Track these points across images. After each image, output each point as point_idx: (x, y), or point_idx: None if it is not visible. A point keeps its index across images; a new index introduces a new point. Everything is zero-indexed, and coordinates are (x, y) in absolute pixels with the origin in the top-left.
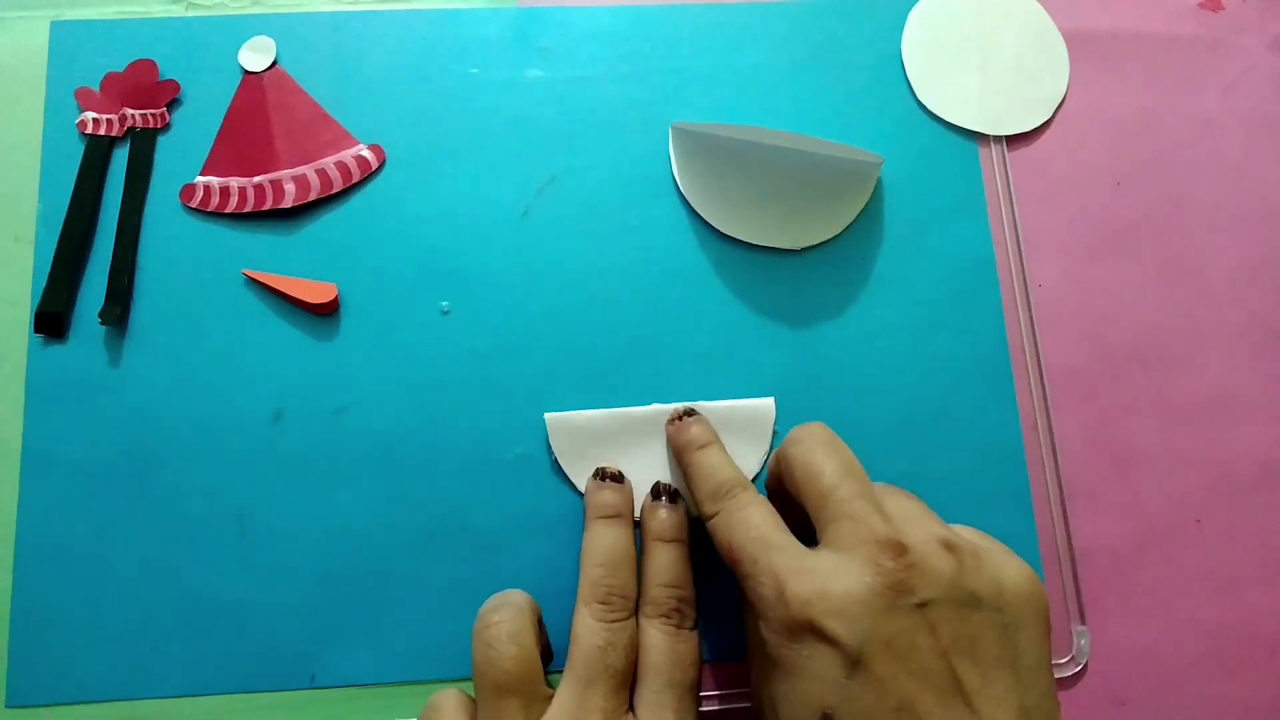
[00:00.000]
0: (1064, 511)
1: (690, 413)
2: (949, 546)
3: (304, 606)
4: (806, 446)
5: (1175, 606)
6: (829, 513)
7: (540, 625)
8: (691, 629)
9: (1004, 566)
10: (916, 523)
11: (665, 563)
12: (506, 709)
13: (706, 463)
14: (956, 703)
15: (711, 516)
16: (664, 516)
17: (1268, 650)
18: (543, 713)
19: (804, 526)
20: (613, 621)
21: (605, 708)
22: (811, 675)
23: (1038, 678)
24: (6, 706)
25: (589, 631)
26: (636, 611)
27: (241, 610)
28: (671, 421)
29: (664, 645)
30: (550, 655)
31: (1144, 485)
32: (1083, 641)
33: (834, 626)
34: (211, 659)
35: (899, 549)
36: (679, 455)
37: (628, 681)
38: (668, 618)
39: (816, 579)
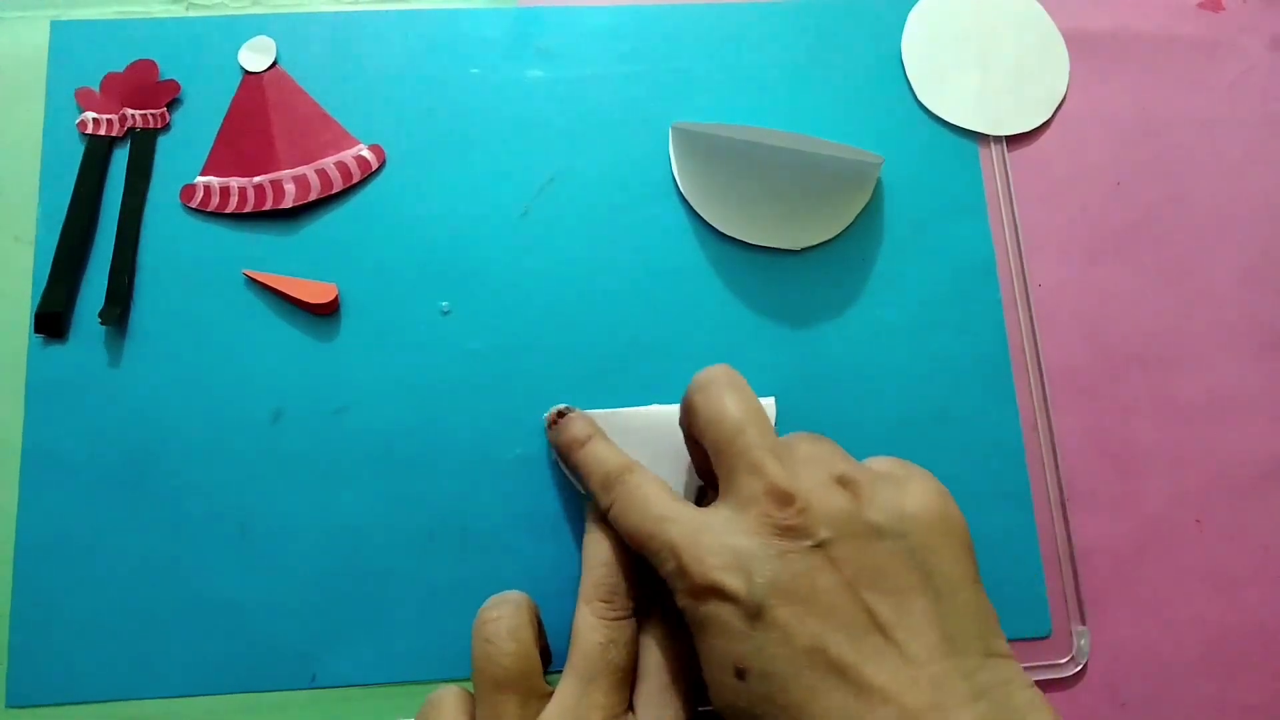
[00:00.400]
0: (1064, 511)
1: (565, 411)
2: (844, 481)
3: (304, 606)
4: (710, 393)
5: (1175, 606)
6: (729, 463)
7: (539, 626)
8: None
9: (906, 491)
10: (814, 464)
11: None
12: (504, 705)
13: (592, 456)
14: (872, 637)
15: (609, 507)
16: None
17: (1268, 650)
18: (540, 710)
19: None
20: (614, 619)
21: (605, 704)
22: (720, 632)
23: (960, 599)
24: (6, 706)
25: (589, 629)
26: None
27: (241, 610)
28: (550, 426)
29: (665, 643)
30: (549, 657)
31: (1144, 485)
32: (1083, 641)
33: (729, 580)
34: (211, 659)
35: (786, 498)
36: (565, 457)
37: (628, 679)
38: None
39: (709, 538)
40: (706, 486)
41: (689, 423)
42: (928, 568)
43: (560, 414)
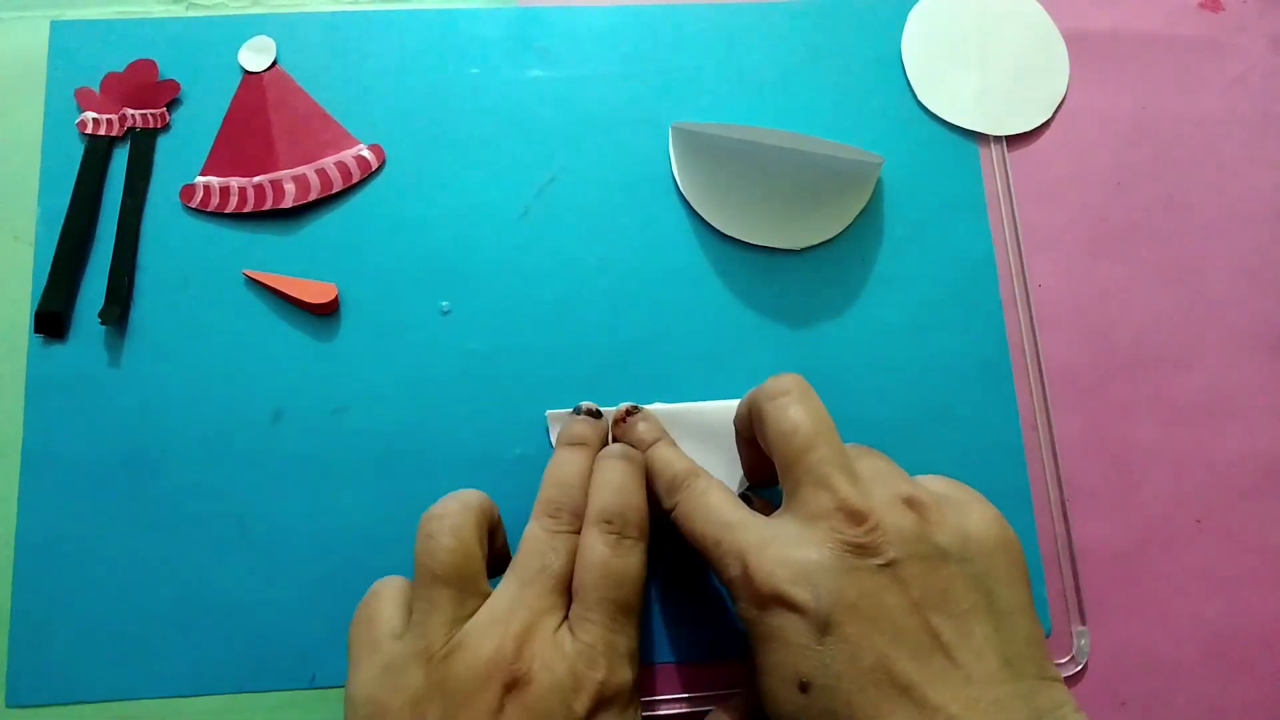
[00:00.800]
0: (1064, 511)
1: (634, 410)
2: (911, 503)
3: (304, 606)
4: (782, 403)
5: (1175, 606)
6: (796, 476)
7: (496, 529)
8: (635, 542)
9: (969, 515)
10: (880, 483)
11: (611, 476)
12: (440, 598)
13: (658, 458)
14: (935, 657)
15: (671, 509)
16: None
17: (1268, 650)
18: (477, 607)
19: (773, 469)
20: (557, 532)
21: (536, 606)
22: (785, 644)
23: (1017, 623)
24: (6, 706)
25: (533, 539)
26: None
27: (241, 610)
28: (617, 423)
29: (599, 559)
30: (508, 559)
31: (1144, 485)
32: (1083, 641)
33: (798, 593)
34: (211, 659)
35: (859, 516)
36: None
37: (564, 588)
38: (609, 523)
39: (778, 549)
40: (753, 489)
41: (757, 429)
42: (989, 592)
43: (629, 412)
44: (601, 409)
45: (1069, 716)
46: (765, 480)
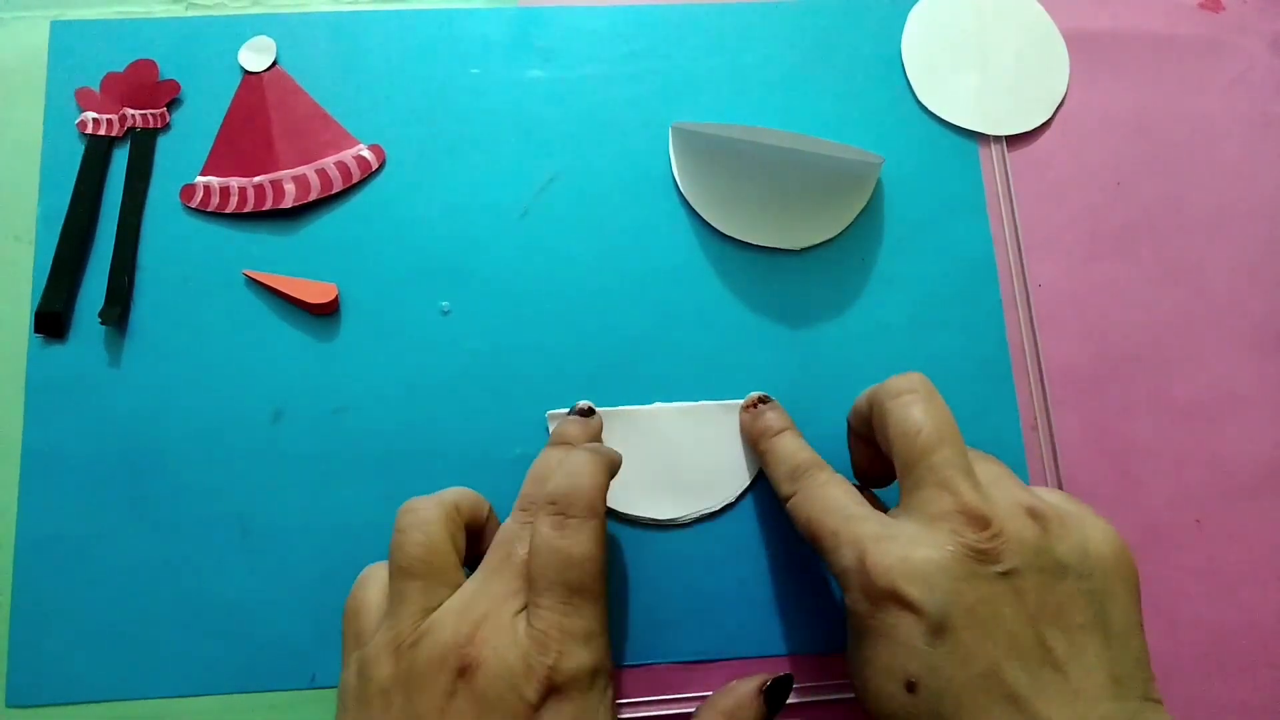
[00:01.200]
0: None
1: (765, 399)
2: (1033, 513)
3: (304, 606)
4: (905, 401)
5: (1175, 606)
6: (918, 475)
7: (486, 523)
8: (582, 521)
9: (1089, 531)
10: (1002, 490)
11: (566, 463)
12: (408, 590)
13: (783, 446)
14: (1045, 670)
15: (790, 496)
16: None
17: (1268, 650)
18: (447, 597)
19: (885, 467)
20: (525, 523)
21: (498, 593)
22: (895, 642)
23: (1129, 643)
24: (6, 706)
25: (504, 531)
26: None
27: (241, 610)
28: (746, 408)
29: (545, 541)
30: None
31: (1144, 485)
32: None
33: (915, 592)
34: (211, 659)
35: (982, 521)
36: (754, 442)
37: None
38: (553, 504)
39: (898, 546)
40: (864, 487)
41: (877, 427)
42: (1104, 609)
43: (760, 400)
44: (597, 408)
45: None
46: (874, 479)
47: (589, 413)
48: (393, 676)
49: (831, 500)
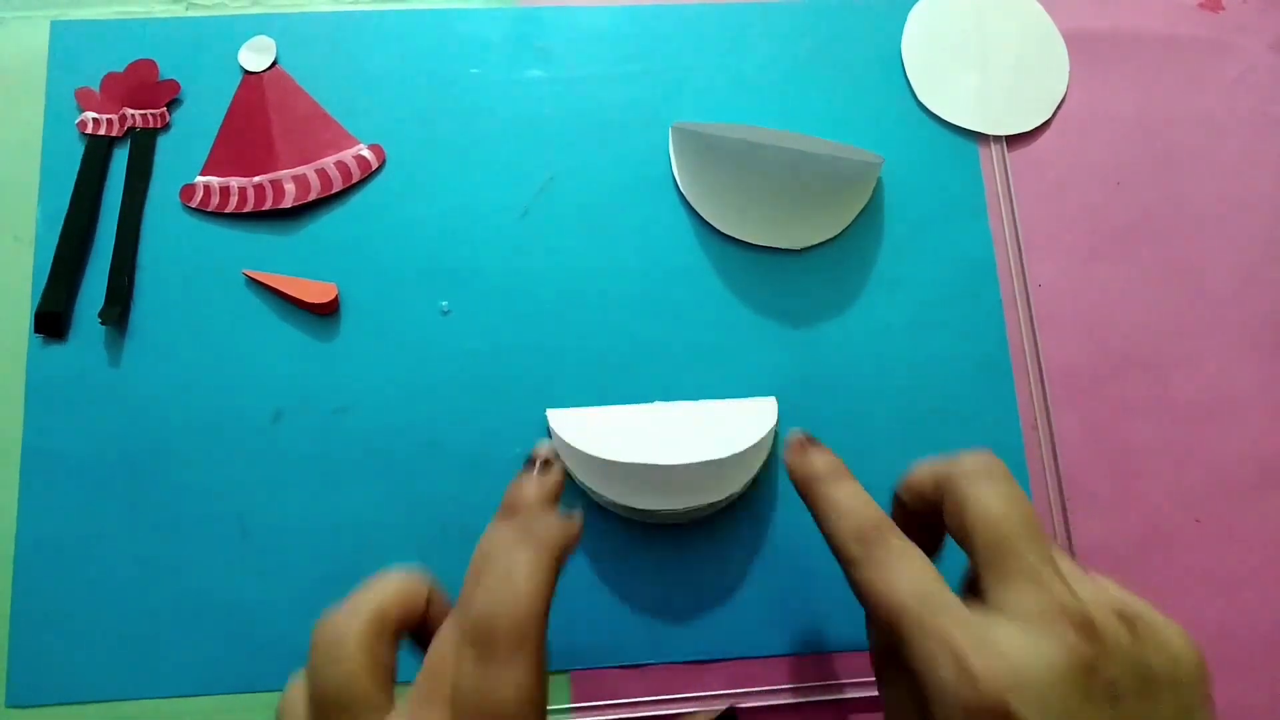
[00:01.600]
0: (1064, 511)
1: (810, 441)
2: (1125, 618)
3: (304, 606)
4: (987, 489)
5: (1175, 606)
6: (1008, 570)
7: (419, 616)
8: (510, 656)
9: (1171, 635)
10: (1083, 585)
11: (493, 568)
12: None
13: (844, 498)
14: None
15: (856, 560)
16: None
17: (1268, 650)
18: None
19: (931, 545)
20: (463, 645)
21: None
22: None
23: None
24: (6, 706)
25: (436, 645)
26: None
27: (241, 610)
28: (791, 448)
29: (466, 683)
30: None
31: (1144, 485)
32: None
33: (1029, 714)
34: (211, 659)
35: (1089, 626)
36: (804, 487)
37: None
38: (476, 629)
39: (1005, 657)
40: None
41: (951, 509)
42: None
43: (805, 441)
44: (596, 407)
45: None
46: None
47: (548, 464)
48: None
49: (915, 580)
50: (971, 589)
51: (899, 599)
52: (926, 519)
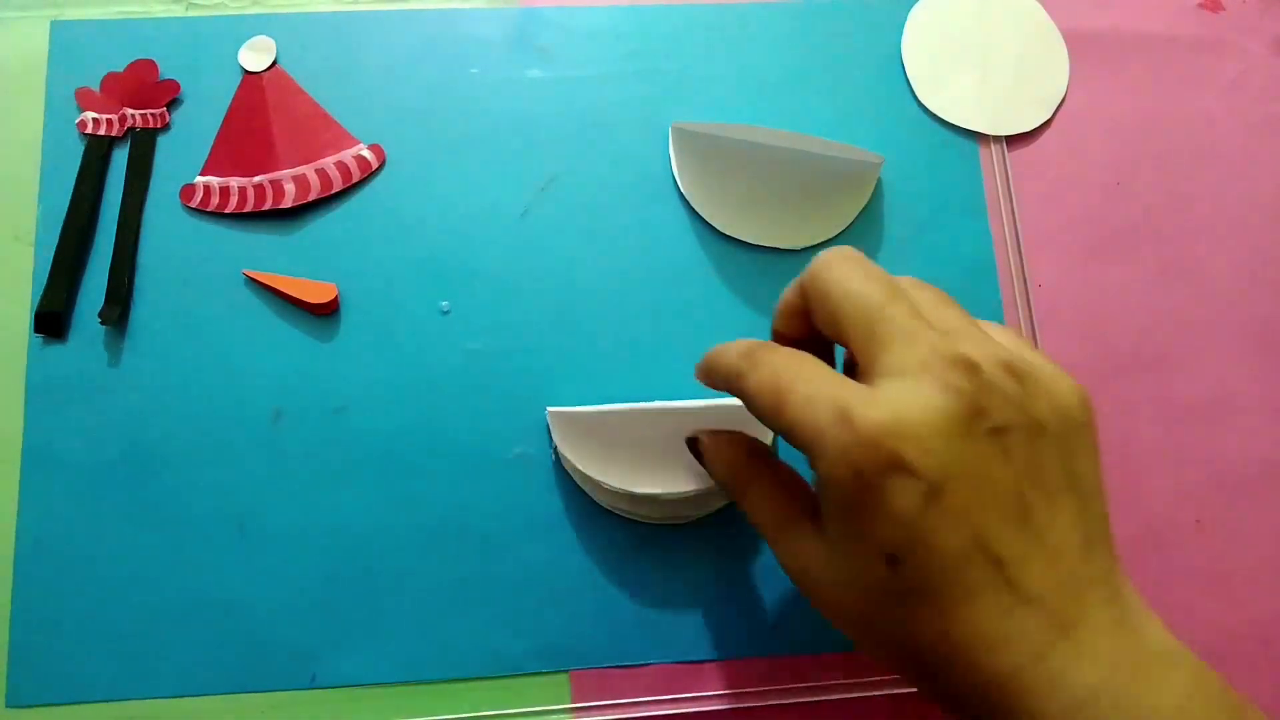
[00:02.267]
0: None
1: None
2: (1011, 370)
3: (304, 606)
4: (843, 270)
5: (1175, 606)
6: (880, 335)
7: None
8: None
9: (1059, 386)
10: (968, 337)
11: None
12: None
13: (725, 345)
14: (1026, 534)
15: (747, 372)
16: None
17: (1268, 650)
18: None
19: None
20: None
21: None
22: (879, 512)
23: (1096, 503)
24: (6, 706)
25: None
26: None
27: (241, 610)
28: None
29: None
30: None
31: (1144, 485)
32: None
33: (912, 453)
34: (211, 659)
35: (971, 366)
36: (704, 369)
37: None
38: None
39: (887, 404)
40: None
41: (815, 303)
42: (1075, 469)
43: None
44: (596, 405)
45: (1133, 595)
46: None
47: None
48: None
49: (797, 362)
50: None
51: (785, 380)
52: (806, 343)
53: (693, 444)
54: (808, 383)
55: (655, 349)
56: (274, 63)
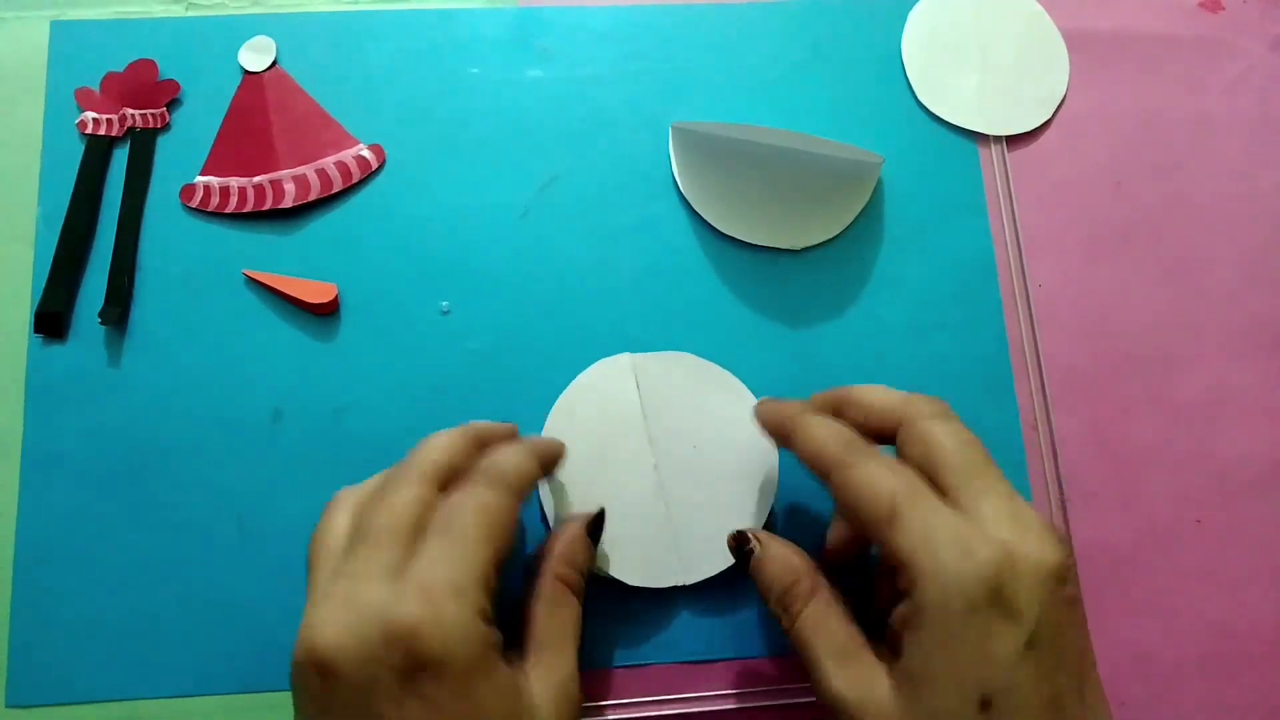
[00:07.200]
0: (1064, 511)
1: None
2: (1062, 541)
3: (304, 606)
4: (944, 427)
5: (1175, 606)
6: (980, 490)
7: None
8: (500, 493)
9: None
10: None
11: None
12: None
13: (819, 420)
14: (1084, 710)
15: (852, 465)
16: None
17: (1268, 650)
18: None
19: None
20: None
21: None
22: (980, 652)
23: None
24: (6, 706)
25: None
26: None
27: (241, 610)
28: (761, 404)
29: (451, 500)
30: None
31: (1144, 485)
32: None
33: (1021, 599)
34: (211, 659)
35: (1059, 534)
36: (781, 427)
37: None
38: (473, 481)
39: (1003, 547)
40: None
41: (911, 444)
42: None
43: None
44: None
45: None
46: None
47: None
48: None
49: (913, 481)
50: None
51: (887, 489)
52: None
53: (741, 540)
54: (922, 500)
55: (655, 349)
56: (274, 63)
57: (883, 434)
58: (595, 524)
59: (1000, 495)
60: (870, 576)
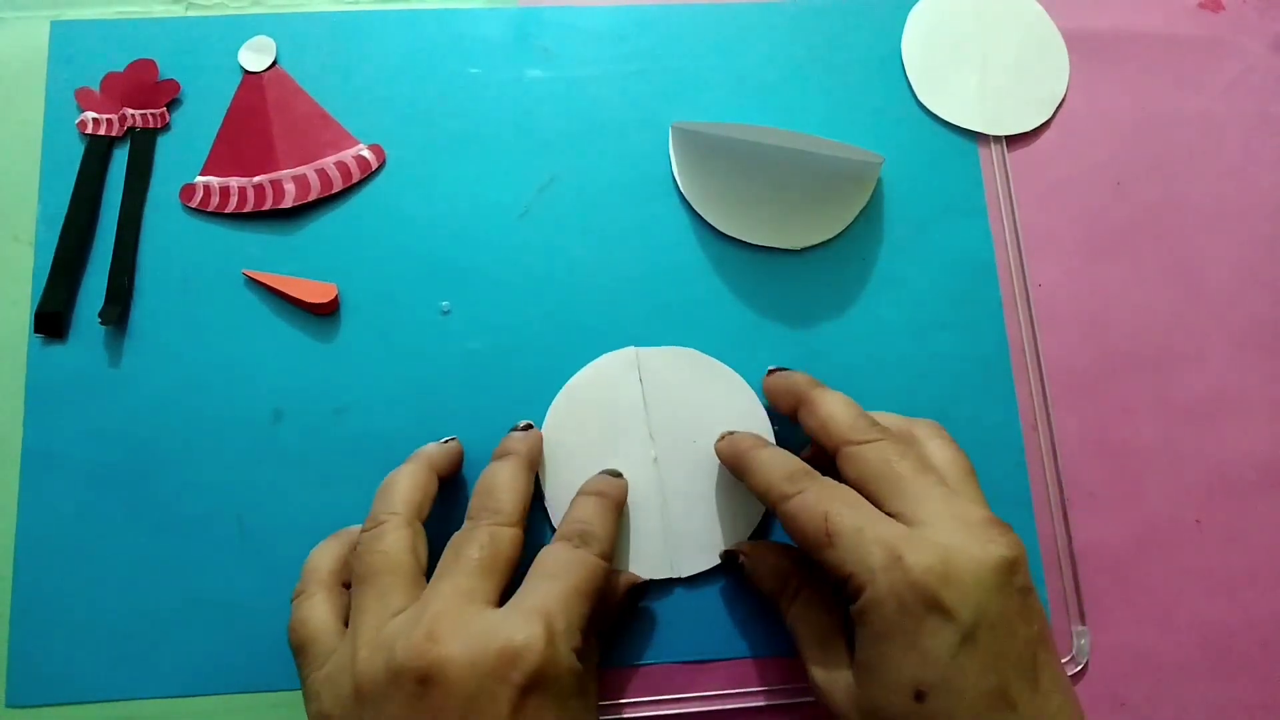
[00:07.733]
0: (1064, 511)
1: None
2: (1011, 532)
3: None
4: (937, 446)
5: (1175, 606)
6: (911, 495)
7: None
8: (596, 555)
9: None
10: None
11: (578, 506)
12: (366, 600)
13: (767, 454)
14: (1037, 696)
15: (792, 496)
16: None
17: (1268, 650)
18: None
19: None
20: (477, 526)
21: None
22: (914, 649)
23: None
24: (6, 706)
25: (457, 535)
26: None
27: (241, 610)
28: (721, 440)
29: (554, 552)
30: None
31: (1144, 485)
32: (1083, 641)
33: (953, 598)
34: (211, 659)
35: (1005, 529)
36: (736, 461)
37: (486, 572)
38: (568, 539)
39: (936, 550)
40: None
41: (848, 470)
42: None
43: (726, 434)
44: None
45: None
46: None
47: (528, 428)
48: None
49: (850, 498)
50: None
51: (835, 509)
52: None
53: (731, 558)
54: (854, 516)
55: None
56: (274, 63)
57: (828, 448)
58: (636, 592)
59: (937, 499)
60: None
